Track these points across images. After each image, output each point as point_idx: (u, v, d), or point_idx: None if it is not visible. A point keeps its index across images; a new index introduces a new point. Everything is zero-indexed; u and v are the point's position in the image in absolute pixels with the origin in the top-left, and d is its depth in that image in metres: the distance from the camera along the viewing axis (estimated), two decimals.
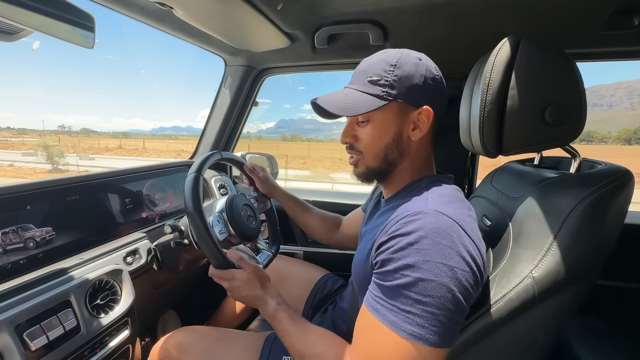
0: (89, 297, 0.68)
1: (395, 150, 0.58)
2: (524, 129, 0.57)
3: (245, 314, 1.16)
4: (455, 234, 0.45)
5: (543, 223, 0.54)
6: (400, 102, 0.55)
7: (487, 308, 0.52)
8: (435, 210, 0.47)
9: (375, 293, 0.48)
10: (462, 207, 0.52)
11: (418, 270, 0.44)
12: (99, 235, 0.83)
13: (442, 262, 0.43)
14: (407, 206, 0.51)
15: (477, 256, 0.47)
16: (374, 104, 0.55)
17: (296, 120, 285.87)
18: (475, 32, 0.91)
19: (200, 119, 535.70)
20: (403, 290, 0.44)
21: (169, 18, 0.86)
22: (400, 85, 0.54)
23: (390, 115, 0.57)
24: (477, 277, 0.46)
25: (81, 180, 0.81)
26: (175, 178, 1.14)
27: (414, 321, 0.43)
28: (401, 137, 0.58)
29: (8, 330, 0.53)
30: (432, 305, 0.43)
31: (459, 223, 0.47)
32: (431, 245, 0.44)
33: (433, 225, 0.45)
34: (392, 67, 0.55)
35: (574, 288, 0.52)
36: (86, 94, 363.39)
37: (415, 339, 0.43)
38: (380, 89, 0.55)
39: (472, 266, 0.45)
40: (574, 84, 0.55)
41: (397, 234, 0.47)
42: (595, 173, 0.56)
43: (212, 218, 0.80)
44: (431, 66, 0.57)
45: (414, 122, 0.57)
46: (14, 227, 0.65)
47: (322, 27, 0.98)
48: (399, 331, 0.44)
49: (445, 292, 0.43)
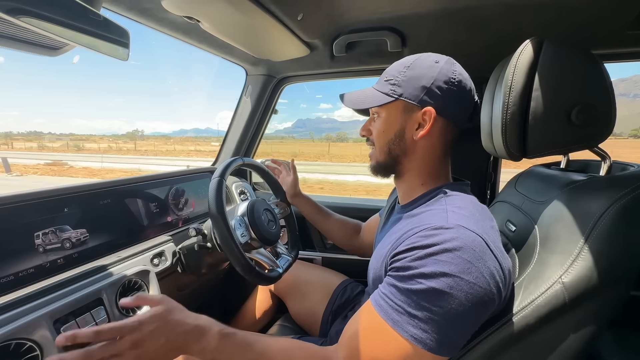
0: (119, 296, 0.71)
1: (397, 147, 0.60)
2: (549, 131, 0.56)
3: (265, 319, 1.17)
4: (478, 249, 0.45)
5: (572, 227, 0.52)
6: (405, 101, 0.57)
7: (513, 314, 0.50)
8: (458, 224, 0.47)
9: (384, 291, 0.48)
10: (483, 219, 0.51)
11: (434, 280, 0.43)
12: (128, 238, 0.86)
13: (459, 277, 0.43)
14: (426, 218, 0.51)
15: (497, 272, 0.46)
16: (379, 100, 0.59)
17: (313, 119, 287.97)
18: (495, 36, 0.91)
19: (219, 120, 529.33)
20: (413, 295, 0.44)
21: (195, 31, 0.91)
22: (407, 84, 0.57)
23: (395, 112, 0.60)
24: (495, 295, 0.45)
25: (112, 185, 0.85)
26: (199, 184, 1.18)
27: (418, 325, 0.43)
28: (404, 135, 0.59)
29: (47, 324, 0.57)
30: (439, 315, 0.43)
31: (483, 237, 0.46)
32: (452, 259, 0.44)
33: (455, 240, 0.45)
34: (405, 68, 0.58)
35: (607, 295, 0.49)
36: (110, 99, 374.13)
37: (416, 342, 0.43)
38: (390, 87, 0.59)
39: (491, 283, 0.44)
40: (602, 83, 0.53)
41: (416, 245, 0.47)
42: (627, 175, 0.54)
43: (234, 221, 0.82)
44: (448, 70, 0.57)
45: (419, 122, 0.58)
46: (53, 228, 0.69)
47: (340, 35, 1.00)
48: (400, 331, 0.44)
49: (457, 305, 0.42)
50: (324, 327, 0.95)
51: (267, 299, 1.18)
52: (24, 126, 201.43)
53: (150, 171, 1.26)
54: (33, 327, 0.55)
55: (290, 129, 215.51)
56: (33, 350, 0.55)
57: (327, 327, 0.93)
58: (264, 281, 0.80)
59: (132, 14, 0.78)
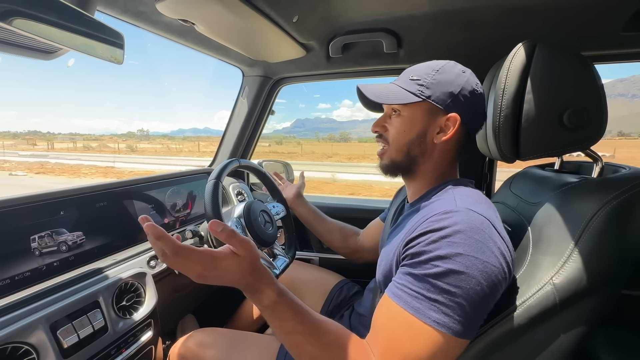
0: (116, 299, 0.71)
1: (417, 148, 0.60)
2: (542, 134, 0.57)
3: (261, 320, 1.18)
4: (487, 230, 0.46)
5: (563, 228, 0.53)
6: (432, 103, 0.57)
7: (505, 314, 0.51)
8: (466, 208, 0.49)
9: (400, 281, 0.48)
10: (489, 207, 0.53)
11: (450, 261, 0.44)
12: (125, 240, 0.87)
13: (474, 256, 0.44)
14: (435, 206, 0.53)
15: (506, 253, 0.47)
16: (406, 98, 0.58)
17: (312, 119, 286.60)
18: (490, 38, 0.91)
19: (217, 120, 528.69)
20: (432, 280, 0.45)
21: (191, 33, 0.91)
22: (436, 88, 0.57)
23: (420, 113, 0.59)
24: (506, 274, 0.47)
25: (108, 188, 0.85)
26: (195, 185, 1.18)
27: (440, 309, 0.44)
28: (425, 137, 0.60)
29: (44, 327, 0.57)
30: (459, 296, 0.43)
31: (490, 220, 0.48)
32: (464, 239, 0.45)
33: (465, 222, 0.46)
34: (434, 72, 0.58)
35: (597, 296, 0.50)
36: (109, 99, 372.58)
37: (439, 326, 0.43)
38: (417, 87, 0.58)
39: (502, 263, 0.46)
40: (593, 86, 0.54)
41: (428, 229, 0.48)
42: (619, 177, 0.55)
43: (230, 223, 0.83)
44: (473, 81, 0.59)
45: (441, 126, 0.59)
46: (49, 231, 0.69)
47: (336, 37, 1.01)
48: (423, 318, 0.44)
49: (475, 284, 0.43)
50: None
51: None
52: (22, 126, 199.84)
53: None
54: (30, 331, 0.56)
55: (289, 129, 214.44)
56: (29, 353, 0.55)
57: None
58: None
59: (127, 17, 0.78)
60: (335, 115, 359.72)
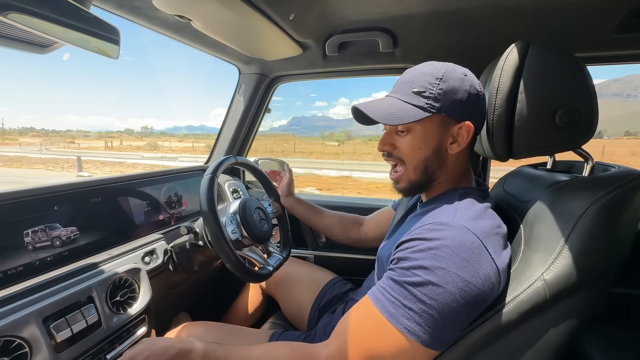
0: (110, 294, 0.71)
1: (435, 163, 0.59)
2: (534, 133, 0.57)
3: (256, 315, 1.18)
4: (476, 251, 0.46)
5: (554, 226, 0.54)
6: (443, 116, 0.56)
7: (497, 310, 0.52)
8: (462, 225, 0.48)
9: (382, 285, 0.49)
10: (490, 224, 0.52)
11: (431, 273, 0.45)
12: (119, 236, 0.86)
13: (456, 273, 0.44)
14: (435, 214, 0.53)
15: (494, 275, 0.47)
16: (417, 114, 0.55)
17: (309, 117, 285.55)
18: (485, 37, 0.92)
19: (213, 117, 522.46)
20: (410, 287, 0.45)
21: (187, 29, 0.91)
22: (445, 98, 0.55)
23: (432, 127, 0.57)
24: (488, 295, 0.47)
25: (103, 183, 0.85)
26: (191, 182, 1.18)
27: (412, 318, 0.44)
28: (440, 150, 0.58)
29: (36, 322, 0.57)
30: (434, 308, 0.44)
31: (482, 241, 0.48)
32: (450, 255, 0.45)
33: (456, 238, 0.46)
34: (437, 80, 0.55)
35: (586, 292, 0.51)
36: (103, 95, 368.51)
37: (409, 334, 0.44)
38: (425, 101, 0.55)
39: (485, 284, 0.46)
40: (585, 87, 0.55)
41: (418, 237, 0.48)
42: (608, 176, 0.56)
43: (225, 218, 0.83)
44: (475, 82, 0.57)
45: (453, 136, 0.57)
46: (42, 226, 0.69)
47: (332, 35, 1.01)
48: (395, 323, 0.45)
49: (451, 301, 0.44)
50: (311, 322, 0.96)
51: (258, 297, 1.18)
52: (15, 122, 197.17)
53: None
54: (22, 325, 0.55)
55: (286, 127, 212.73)
56: (22, 347, 0.55)
57: (314, 322, 0.94)
58: (254, 278, 0.80)
59: (123, 12, 0.78)
60: (332, 113, 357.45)
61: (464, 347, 0.52)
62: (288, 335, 0.82)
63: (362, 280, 0.91)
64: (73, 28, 0.60)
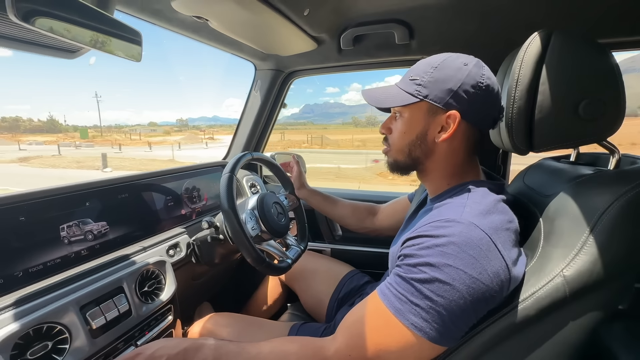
0: (138, 285, 0.76)
1: (418, 149, 0.60)
2: (556, 125, 0.55)
3: (275, 306, 1.22)
4: (484, 247, 0.46)
5: (576, 221, 0.52)
6: (430, 103, 0.56)
7: (514, 306, 0.51)
8: (470, 221, 0.48)
9: (389, 281, 0.50)
10: (501, 219, 0.51)
11: (437, 270, 0.45)
12: (145, 230, 0.91)
13: (463, 270, 0.44)
14: (443, 211, 0.53)
15: (503, 272, 0.47)
16: (404, 100, 0.58)
17: (321, 104, 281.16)
18: (505, 27, 0.89)
19: (225, 108, 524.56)
20: (417, 284, 0.46)
21: (204, 29, 0.93)
22: (433, 86, 0.56)
23: (419, 114, 0.58)
24: (496, 292, 0.46)
25: (129, 180, 0.90)
26: (210, 177, 1.22)
27: (419, 314, 0.45)
28: (426, 137, 0.58)
29: (74, 310, 0.62)
30: (440, 305, 0.44)
31: (491, 237, 0.47)
32: (457, 252, 0.45)
33: (463, 235, 0.46)
34: (432, 69, 0.56)
35: (608, 289, 0.50)
36: (119, 90, 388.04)
37: (416, 330, 0.45)
38: (415, 88, 0.57)
39: (494, 281, 0.45)
40: (611, 75, 0.52)
41: (425, 234, 0.48)
42: (635, 169, 0.54)
43: (244, 215, 0.86)
44: (476, 73, 0.55)
45: (442, 125, 0.57)
46: (76, 221, 0.74)
47: (347, 29, 1.00)
48: (402, 319, 0.46)
49: (458, 297, 0.44)
50: (329, 314, 0.98)
51: (277, 288, 1.22)
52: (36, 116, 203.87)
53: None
54: (62, 312, 0.60)
55: (298, 115, 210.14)
56: (63, 333, 0.60)
57: (333, 314, 0.96)
58: (274, 271, 0.83)
59: (144, 15, 0.81)
60: (344, 99, 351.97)
61: (479, 342, 0.52)
62: (308, 328, 0.84)
63: (379, 273, 0.92)
64: (99, 32, 0.63)
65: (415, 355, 0.47)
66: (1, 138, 73.92)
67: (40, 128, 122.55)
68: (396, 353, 0.47)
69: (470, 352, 0.52)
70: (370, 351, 0.48)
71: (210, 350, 0.55)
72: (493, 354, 0.53)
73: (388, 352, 0.47)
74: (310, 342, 0.55)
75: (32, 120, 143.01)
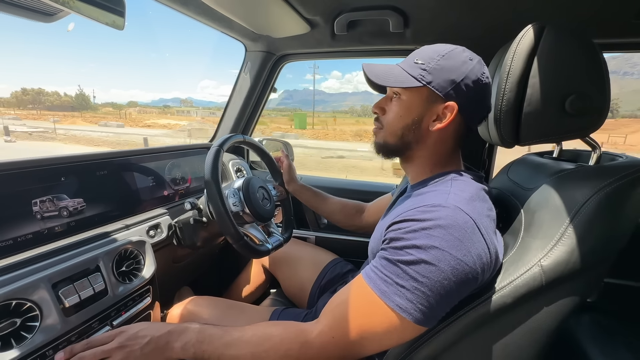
0: (116, 264, 0.73)
1: (411, 133, 0.60)
2: (543, 119, 0.56)
3: (257, 293, 1.22)
4: (469, 230, 0.47)
5: (556, 213, 0.53)
6: (431, 90, 0.56)
7: (492, 293, 0.53)
8: (455, 205, 0.48)
9: (375, 264, 0.50)
10: (482, 207, 0.52)
11: (423, 252, 0.45)
12: (124, 209, 0.88)
13: (448, 252, 0.45)
14: (428, 197, 0.53)
15: (485, 255, 0.48)
16: (406, 81, 0.57)
17: (301, 91, 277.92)
18: (500, 19, 0.89)
19: (200, 90, 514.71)
20: (403, 266, 0.46)
21: (193, 2, 0.89)
22: (438, 74, 0.55)
23: (418, 98, 0.58)
24: (479, 274, 0.48)
25: (109, 157, 0.86)
26: (195, 160, 1.19)
27: (404, 295, 0.45)
28: (420, 124, 0.59)
29: (46, 287, 0.59)
30: (426, 286, 0.45)
31: (475, 221, 0.48)
32: (443, 235, 0.46)
33: (449, 218, 0.47)
34: (439, 57, 0.56)
35: (582, 279, 0.52)
36: (83, 64, 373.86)
37: (401, 311, 0.45)
38: (419, 72, 0.56)
39: (477, 263, 0.47)
40: (598, 73, 0.53)
41: (412, 218, 0.49)
42: (614, 165, 0.55)
43: (227, 191, 0.84)
44: (479, 70, 0.56)
45: (438, 114, 0.57)
46: (50, 196, 0.70)
47: (342, 13, 0.98)
48: (387, 300, 0.46)
49: (442, 278, 0.45)
50: (312, 300, 0.99)
51: (260, 275, 1.21)
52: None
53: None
54: (32, 289, 0.58)
55: (278, 101, 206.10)
56: (33, 310, 0.57)
57: (315, 301, 0.97)
58: (252, 253, 0.81)
59: None
60: (324, 87, 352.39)
61: (457, 327, 0.53)
62: (289, 313, 0.84)
63: (362, 261, 0.93)
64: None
65: (399, 336, 0.48)
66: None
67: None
68: (379, 335, 0.48)
69: (449, 338, 0.53)
70: (354, 333, 0.48)
71: (194, 332, 0.55)
72: (470, 340, 0.54)
73: (371, 334, 0.48)
74: (293, 325, 0.55)
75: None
